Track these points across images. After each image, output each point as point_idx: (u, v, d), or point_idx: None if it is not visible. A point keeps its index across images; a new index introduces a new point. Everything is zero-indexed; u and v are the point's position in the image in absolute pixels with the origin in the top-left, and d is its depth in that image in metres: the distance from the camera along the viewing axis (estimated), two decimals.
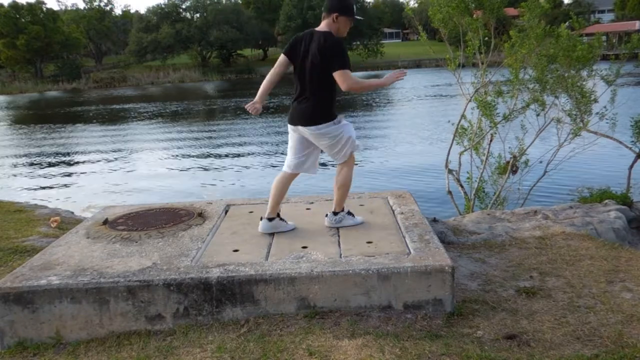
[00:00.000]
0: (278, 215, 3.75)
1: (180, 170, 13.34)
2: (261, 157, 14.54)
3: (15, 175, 13.69)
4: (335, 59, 3.33)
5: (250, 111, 3.53)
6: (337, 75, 3.33)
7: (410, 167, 11.99)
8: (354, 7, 3.50)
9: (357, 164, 4.20)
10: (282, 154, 14.63)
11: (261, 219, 3.76)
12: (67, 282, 3.01)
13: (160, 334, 2.97)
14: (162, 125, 23.31)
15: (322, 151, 3.74)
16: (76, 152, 17.02)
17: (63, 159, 15.96)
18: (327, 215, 3.85)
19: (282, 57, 3.56)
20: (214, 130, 20.33)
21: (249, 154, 15.14)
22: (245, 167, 13.35)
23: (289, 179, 3.74)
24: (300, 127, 3.55)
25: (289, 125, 3.66)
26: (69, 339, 3.00)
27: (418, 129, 17.56)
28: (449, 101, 24.35)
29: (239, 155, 14.92)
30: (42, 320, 2.99)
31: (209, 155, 15.20)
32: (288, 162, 3.72)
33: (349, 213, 3.85)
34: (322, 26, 3.48)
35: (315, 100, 3.47)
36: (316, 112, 3.47)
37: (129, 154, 16.22)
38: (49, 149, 17.89)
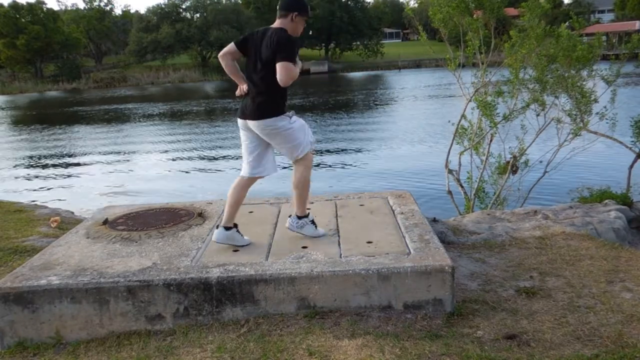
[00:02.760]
0: (235, 225, 3.51)
1: (181, 170, 13.33)
2: None
3: (15, 176, 13.69)
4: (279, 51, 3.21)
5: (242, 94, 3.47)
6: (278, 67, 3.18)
7: (410, 167, 11.97)
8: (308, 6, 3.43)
9: (357, 165, 4.20)
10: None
11: (217, 226, 3.53)
12: (67, 282, 3.01)
13: (160, 334, 2.97)
14: (162, 125, 23.30)
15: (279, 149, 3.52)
16: (76, 152, 17.01)
17: (63, 159, 15.95)
18: (290, 216, 3.67)
19: (232, 46, 3.44)
20: (214, 130, 20.32)
21: None
22: None
23: (246, 184, 3.52)
24: (250, 122, 3.39)
25: (238, 121, 3.45)
26: (69, 339, 3.01)
27: (418, 129, 17.55)
28: (449, 101, 24.34)
29: (239, 155, 14.89)
30: (42, 320, 2.99)
31: (209, 155, 15.18)
32: (243, 165, 3.54)
33: (313, 222, 3.64)
34: (277, 24, 3.37)
35: (267, 95, 3.32)
36: (267, 107, 3.32)
37: (129, 154, 16.21)
38: (49, 149, 17.88)
